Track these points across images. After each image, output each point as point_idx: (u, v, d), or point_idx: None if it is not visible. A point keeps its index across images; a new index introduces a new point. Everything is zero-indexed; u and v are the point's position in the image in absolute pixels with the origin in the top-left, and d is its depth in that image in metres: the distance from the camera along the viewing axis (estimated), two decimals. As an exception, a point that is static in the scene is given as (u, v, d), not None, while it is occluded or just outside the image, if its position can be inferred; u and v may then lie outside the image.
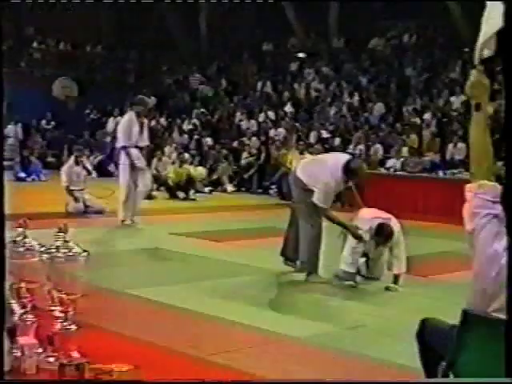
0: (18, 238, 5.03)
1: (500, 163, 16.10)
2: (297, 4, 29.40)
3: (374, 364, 5.97)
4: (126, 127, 13.29)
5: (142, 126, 13.41)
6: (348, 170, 9.06)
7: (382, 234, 8.79)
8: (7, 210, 4.00)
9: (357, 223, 9.05)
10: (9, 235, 4.46)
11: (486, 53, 4.09)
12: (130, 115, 13.48)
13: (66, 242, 4.62)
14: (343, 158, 9.43)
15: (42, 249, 4.84)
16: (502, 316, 3.76)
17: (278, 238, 9.87)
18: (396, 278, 8.86)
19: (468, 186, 3.97)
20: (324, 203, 9.03)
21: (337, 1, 29.40)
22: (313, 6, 28.32)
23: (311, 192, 9.10)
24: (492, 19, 4.03)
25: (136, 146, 13.22)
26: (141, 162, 13.34)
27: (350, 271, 8.97)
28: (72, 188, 14.97)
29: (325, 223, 9.23)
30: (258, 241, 12.20)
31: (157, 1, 28.90)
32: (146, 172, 13.97)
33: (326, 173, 9.07)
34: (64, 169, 15.45)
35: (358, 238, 8.91)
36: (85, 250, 4.62)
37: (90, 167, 16.32)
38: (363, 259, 9.25)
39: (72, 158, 15.76)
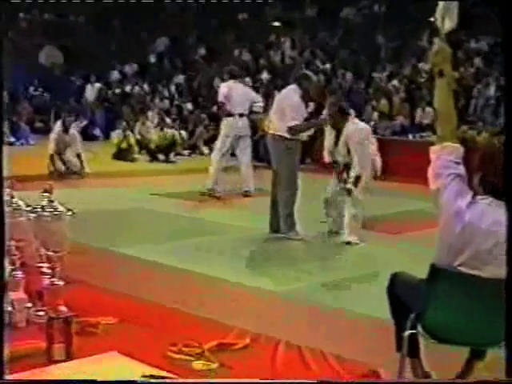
0: (5, 199, 5.01)
1: (465, 127, 16.28)
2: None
3: (349, 317, 6.01)
4: None
5: None
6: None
7: None
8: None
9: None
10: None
11: (448, 25, 4.13)
12: None
13: (51, 201, 4.61)
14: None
15: (29, 208, 4.84)
16: (467, 270, 3.81)
17: (256, 198, 9.88)
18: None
19: (432, 148, 4.00)
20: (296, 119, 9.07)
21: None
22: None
23: (291, 150, 9.14)
24: None
25: None
26: None
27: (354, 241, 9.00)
28: (59, 154, 14.69)
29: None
30: (236, 200, 12.24)
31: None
32: None
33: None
34: (53, 136, 14.88)
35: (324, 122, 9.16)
36: (69, 209, 4.62)
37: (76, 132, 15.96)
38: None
39: (59, 125, 15.08)
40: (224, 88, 12.69)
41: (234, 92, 12.59)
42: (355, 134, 9.00)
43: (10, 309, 4.86)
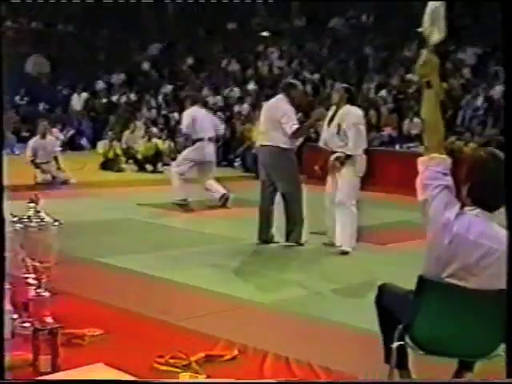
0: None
1: (453, 138, 16.33)
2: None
3: (337, 329, 6.00)
4: None
5: None
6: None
7: None
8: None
9: None
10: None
11: (436, 36, 4.15)
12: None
13: (37, 212, 4.59)
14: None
15: (15, 219, 4.82)
16: (455, 281, 3.81)
17: (243, 209, 9.87)
18: None
19: (420, 159, 4.02)
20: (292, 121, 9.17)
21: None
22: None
23: (291, 160, 9.20)
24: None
25: None
26: None
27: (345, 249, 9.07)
28: (38, 161, 14.86)
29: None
30: (223, 211, 12.22)
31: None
32: None
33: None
34: (30, 143, 15.27)
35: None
36: (56, 220, 4.60)
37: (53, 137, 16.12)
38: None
39: (38, 132, 15.54)
40: (187, 117, 12.65)
41: (199, 118, 12.61)
42: (350, 114, 9.07)
43: (-5, 320, 4.84)
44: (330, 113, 9.30)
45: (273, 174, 9.32)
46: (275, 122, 9.17)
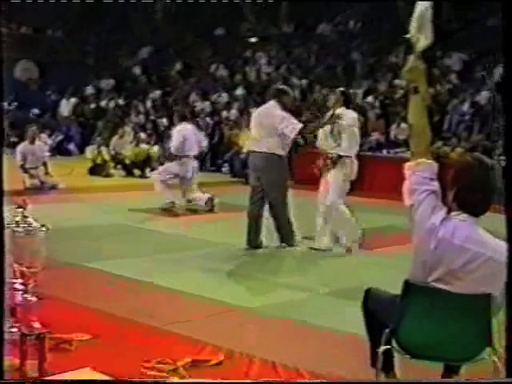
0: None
1: (440, 143, 16.37)
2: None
3: (324, 333, 6.00)
4: None
5: None
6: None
7: None
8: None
9: None
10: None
11: (423, 42, 4.16)
12: None
13: (25, 217, 4.58)
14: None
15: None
16: (441, 286, 3.83)
17: (231, 214, 9.86)
18: None
19: (407, 164, 4.03)
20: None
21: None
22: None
23: (283, 167, 9.28)
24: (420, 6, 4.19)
25: None
26: None
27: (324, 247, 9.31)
28: (27, 166, 14.87)
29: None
30: (211, 216, 12.21)
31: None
32: None
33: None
34: (19, 148, 15.23)
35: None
36: (43, 225, 4.59)
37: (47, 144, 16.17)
38: None
39: (27, 137, 15.54)
40: (178, 135, 12.71)
41: (189, 136, 12.73)
42: (345, 116, 9.16)
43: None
44: (327, 115, 9.37)
45: (264, 179, 9.32)
46: (271, 129, 9.17)
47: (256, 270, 8.52)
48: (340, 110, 9.19)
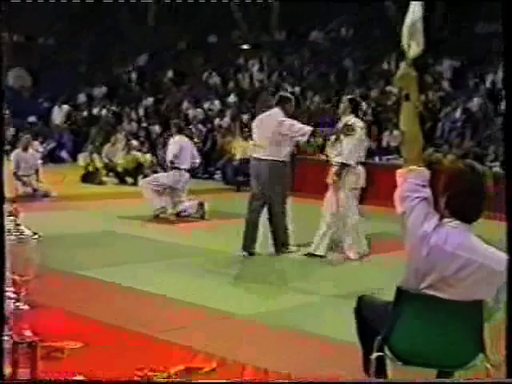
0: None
1: (431, 149, 16.38)
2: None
3: (316, 340, 6.00)
4: None
5: None
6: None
7: None
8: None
9: None
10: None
11: (415, 50, 4.16)
12: None
13: (17, 225, 4.57)
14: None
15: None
16: (433, 292, 3.82)
17: (223, 221, 9.85)
18: None
19: (399, 171, 4.02)
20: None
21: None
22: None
23: (285, 175, 9.36)
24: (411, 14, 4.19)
25: None
26: None
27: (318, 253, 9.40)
28: (20, 174, 14.89)
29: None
30: (203, 223, 12.20)
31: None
32: None
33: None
34: (13, 155, 15.27)
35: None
36: (35, 233, 4.58)
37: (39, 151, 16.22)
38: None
39: (20, 145, 15.66)
40: (176, 145, 12.74)
41: (184, 148, 12.77)
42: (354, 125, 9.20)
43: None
44: (339, 125, 9.45)
45: (268, 186, 9.35)
46: (277, 135, 9.19)
47: (250, 277, 8.52)
48: (347, 118, 9.23)
